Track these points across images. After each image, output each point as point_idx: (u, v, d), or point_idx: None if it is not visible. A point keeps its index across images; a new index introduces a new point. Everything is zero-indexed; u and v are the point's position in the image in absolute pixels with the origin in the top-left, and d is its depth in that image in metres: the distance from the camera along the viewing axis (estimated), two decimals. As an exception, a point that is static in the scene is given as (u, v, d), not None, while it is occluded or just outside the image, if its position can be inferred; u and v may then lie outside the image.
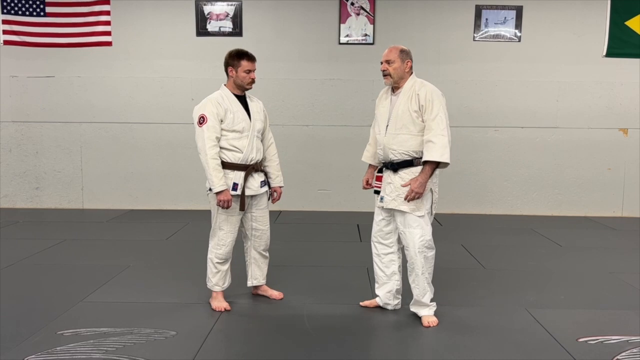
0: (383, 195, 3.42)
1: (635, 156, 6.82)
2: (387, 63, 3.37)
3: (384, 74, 3.41)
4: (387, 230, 3.49)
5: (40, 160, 6.97)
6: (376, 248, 3.55)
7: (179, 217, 6.48)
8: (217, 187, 3.37)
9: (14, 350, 2.94)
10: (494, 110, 6.78)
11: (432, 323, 3.33)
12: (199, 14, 6.74)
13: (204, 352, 2.96)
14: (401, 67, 3.37)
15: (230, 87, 3.54)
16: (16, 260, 4.64)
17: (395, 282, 3.52)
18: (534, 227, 6.17)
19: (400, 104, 3.34)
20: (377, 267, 3.56)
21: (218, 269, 3.57)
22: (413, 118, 3.29)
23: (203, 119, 3.39)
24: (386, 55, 3.39)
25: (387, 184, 3.40)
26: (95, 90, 6.87)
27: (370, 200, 3.59)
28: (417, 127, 3.29)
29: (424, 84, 3.36)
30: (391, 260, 3.51)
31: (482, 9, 6.69)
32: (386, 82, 3.43)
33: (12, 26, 6.72)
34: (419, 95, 3.28)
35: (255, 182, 3.56)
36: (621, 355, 2.97)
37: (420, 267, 3.31)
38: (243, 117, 3.48)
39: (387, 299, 3.55)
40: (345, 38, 6.76)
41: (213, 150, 3.37)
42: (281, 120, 6.77)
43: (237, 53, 3.51)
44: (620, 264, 4.75)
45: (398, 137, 3.32)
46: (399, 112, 3.33)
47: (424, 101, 3.26)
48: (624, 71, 6.70)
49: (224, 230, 3.53)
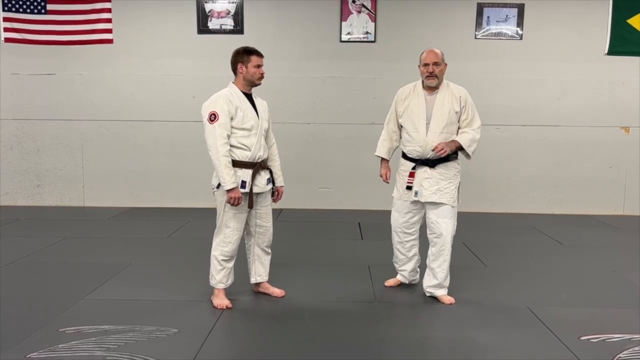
0: (418, 190, 3.64)
1: (636, 154, 6.81)
2: (435, 65, 3.57)
3: (430, 75, 3.57)
4: (413, 221, 3.80)
5: (41, 158, 6.96)
6: (399, 237, 3.86)
7: (180, 214, 6.48)
8: (229, 184, 3.35)
9: (15, 348, 2.94)
10: (495, 109, 6.77)
11: (451, 300, 3.67)
12: (200, 12, 6.73)
13: (206, 350, 2.96)
14: (444, 69, 3.64)
15: (239, 85, 3.53)
16: (17, 258, 4.64)
17: (415, 261, 3.93)
18: (535, 225, 6.16)
19: (443, 104, 3.60)
20: (399, 252, 3.91)
21: (223, 266, 3.57)
22: (454, 118, 3.61)
23: (214, 116, 3.37)
24: (434, 57, 3.58)
25: (424, 179, 3.63)
26: (96, 88, 6.86)
27: (371, 199, 3.62)
28: (456, 126, 3.63)
29: (457, 86, 3.70)
30: (412, 245, 3.87)
31: (483, 7, 6.68)
32: (431, 83, 3.60)
33: (13, 24, 6.71)
34: (461, 97, 3.62)
35: (262, 179, 3.56)
36: (623, 353, 2.96)
37: (449, 253, 3.65)
38: (252, 115, 3.48)
39: (412, 276, 3.96)
40: (346, 36, 6.75)
41: (224, 147, 3.36)
42: (282, 118, 6.76)
43: (246, 49, 3.52)
44: (622, 262, 4.74)
45: (442, 136, 3.57)
46: (444, 112, 3.58)
47: (465, 102, 3.62)
48: (626, 69, 6.69)
49: (230, 227, 3.53)
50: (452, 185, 3.63)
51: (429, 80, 3.59)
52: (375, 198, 6.83)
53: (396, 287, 3.98)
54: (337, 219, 6.43)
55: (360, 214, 6.60)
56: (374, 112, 6.74)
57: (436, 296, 3.71)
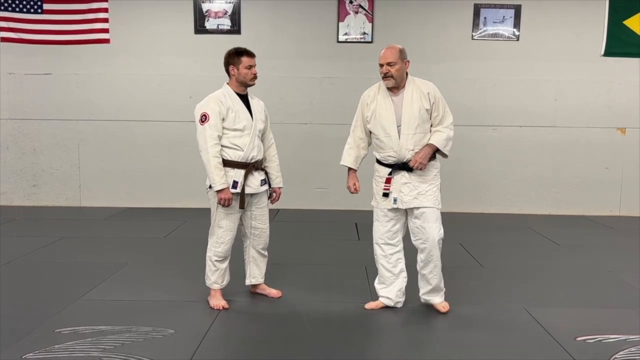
0: (397, 197, 3.40)
1: (633, 155, 6.83)
2: (389, 65, 3.33)
3: (385, 76, 3.36)
4: (394, 230, 3.51)
5: (37, 158, 6.94)
6: (382, 250, 3.54)
7: (177, 215, 6.47)
8: (218, 185, 3.37)
9: (11, 348, 2.93)
10: (492, 109, 6.78)
11: (446, 307, 3.51)
12: (198, 12, 6.73)
13: (203, 351, 2.96)
14: (402, 67, 3.36)
15: (233, 86, 3.54)
16: (13, 257, 4.62)
17: (403, 279, 3.56)
18: (532, 226, 6.17)
19: (412, 103, 3.36)
20: (384, 269, 3.55)
21: (217, 267, 3.57)
22: (426, 116, 3.37)
23: (205, 117, 3.40)
24: (386, 57, 3.35)
25: (402, 184, 3.39)
26: (93, 87, 6.85)
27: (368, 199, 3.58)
28: (428, 124, 3.40)
29: (423, 81, 3.46)
30: (398, 259, 3.54)
31: (480, 8, 6.69)
32: (388, 84, 3.39)
33: (10, 23, 6.70)
34: (430, 93, 3.37)
35: (256, 180, 3.56)
36: (619, 354, 2.97)
37: (438, 258, 3.43)
38: (245, 115, 3.48)
39: (398, 297, 3.56)
40: (343, 36, 6.75)
41: (215, 148, 3.38)
42: (279, 119, 6.75)
43: (236, 51, 3.52)
44: (619, 262, 4.75)
45: (415, 137, 3.36)
46: (414, 112, 3.35)
47: (434, 98, 3.37)
48: (623, 70, 6.71)
49: (223, 228, 3.53)
50: (434, 187, 3.41)
51: (385, 81, 3.38)
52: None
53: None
54: (334, 219, 6.43)
55: (358, 214, 6.59)
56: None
57: (432, 304, 3.53)
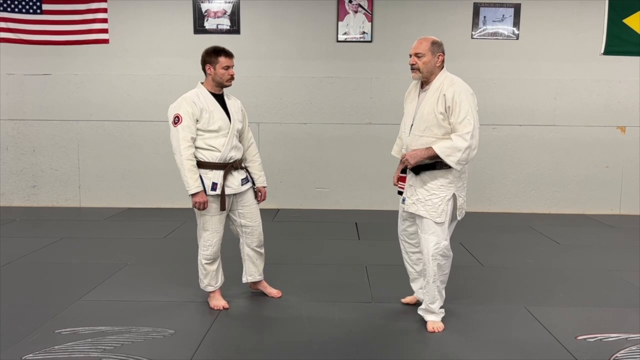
0: (405, 197, 3.26)
1: (633, 154, 6.83)
2: (417, 56, 3.12)
3: (412, 68, 3.16)
4: (411, 230, 3.37)
5: (37, 158, 6.94)
6: (404, 246, 3.47)
7: (177, 215, 6.46)
8: (192, 188, 3.32)
9: (11, 349, 2.92)
10: (492, 108, 6.77)
11: (437, 329, 3.22)
12: (197, 12, 6.72)
13: (203, 351, 2.95)
14: (432, 61, 3.12)
15: (208, 86, 3.48)
16: (13, 258, 4.62)
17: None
18: (532, 225, 6.17)
19: (427, 103, 3.11)
20: (407, 264, 3.50)
21: (207, 269, 3.55)
22: (439, 120, 3.06)
23: (178, 119, 3.33)
24: (415, 48, 3.14)
25: (408, 186, 3.23)
26: (93, 88, 6.84)
27: (368, 199, 3.58)
28: (442, 130, 3.07)
29: (454, 82, 3.10)
30: (419, 258, 3.40)
31: (480, 7, 6.68)
32: (414, 77, 3.20)
33: (9, 24, 6.69)
34: (446, 95, 3.04)
35: (236, 180, 3.51)
36: (620, 353, 2.97)
37: (432, 275, 3.18)
38: (220, 116, 3.42)
39: (419, 295, 3.49)
40: (343, 36, 6.75)
41: (188, 151, 3.31)
42: (279, 118, 6.76)
43: (214, 50, 3.44)
44: (619, 261, 4.75)
45: (421, 140, 3.12)
46: (424, 113, 3.12)
47: (451, 102, 3.02)
48: (622, 69, 6.70)
49: (208, 230, 3.50)
50: (435, 197, 3.12)
51: (412, 73, 3.17)
52: (372, 198, 6.84)
53: (394, 289, 3.84)
54: (334, 219, 6.42)
55: (358, 214, 6.60)
56: (370, 112, 6.75)
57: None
